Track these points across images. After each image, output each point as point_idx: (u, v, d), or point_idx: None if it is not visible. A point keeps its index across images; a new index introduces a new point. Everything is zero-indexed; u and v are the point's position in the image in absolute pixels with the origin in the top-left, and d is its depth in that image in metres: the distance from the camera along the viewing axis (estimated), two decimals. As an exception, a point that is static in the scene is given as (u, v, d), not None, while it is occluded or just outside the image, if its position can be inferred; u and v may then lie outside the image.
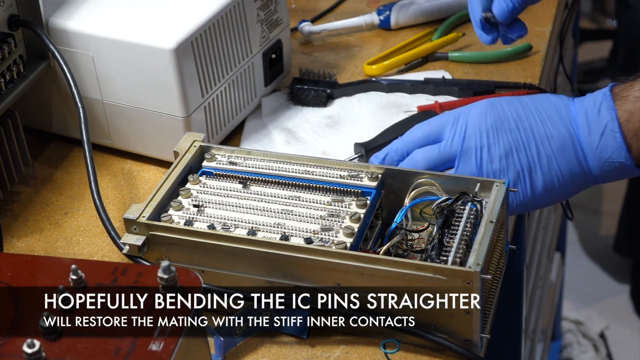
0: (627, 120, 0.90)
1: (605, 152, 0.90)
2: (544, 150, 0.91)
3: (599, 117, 0.91)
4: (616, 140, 0.90)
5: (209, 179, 0.93)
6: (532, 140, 0.91)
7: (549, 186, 0.92)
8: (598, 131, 0.91)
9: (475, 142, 0.92)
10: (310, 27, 1.28)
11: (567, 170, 0.91)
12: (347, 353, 0.84)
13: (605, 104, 0.91)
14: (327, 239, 0.84)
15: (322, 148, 1.09)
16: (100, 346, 0.66)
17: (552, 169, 0.91)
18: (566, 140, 0.91)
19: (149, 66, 1.00)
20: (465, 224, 0.84)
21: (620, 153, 0.90)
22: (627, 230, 2.35)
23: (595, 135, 0.91)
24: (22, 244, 0.99)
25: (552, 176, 0.91)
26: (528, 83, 1.15)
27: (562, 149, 0.91)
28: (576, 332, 2.30)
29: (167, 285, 0.70)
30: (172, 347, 0.66)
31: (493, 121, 0.92)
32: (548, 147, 0.91)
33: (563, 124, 0.92)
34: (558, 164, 0.91)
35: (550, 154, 0.91)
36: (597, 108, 0.91)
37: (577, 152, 0.91)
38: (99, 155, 1.09)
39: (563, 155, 0.91)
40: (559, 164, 0.91)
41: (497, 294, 0.89)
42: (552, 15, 1.29)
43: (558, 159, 0.91)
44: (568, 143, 0.91)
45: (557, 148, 0.91)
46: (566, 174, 0.92)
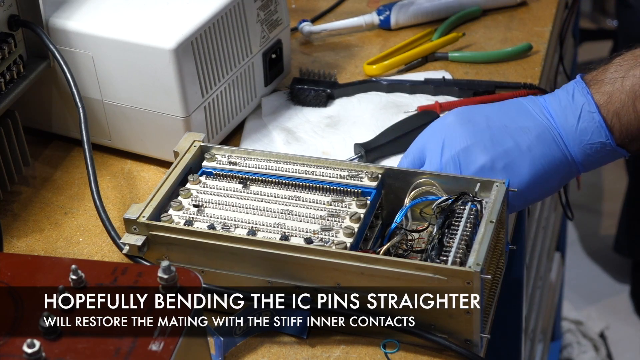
0: (606, 102, 0.90)
1: (585, 134, 0.91)
2: (523, 142, 0.91)
3: (573, 102, 0.91)
4: (594, 120, 0.90)
5: (209, 179, 0.93)
6: (508, 135, 0.91)
7: (535, 177, 0.91)
8: (574, 115, 0.91)
9: (452, 152, 0.92)
10: (310, 27, 1.28)
11: (550, 158, 0.91)
12: (347, 353, 0.84)
13: (578, 90, 0.92)
14: (327, 239, 0.84)
15: (322, 148, 1.09)
16: (100, 346, 0.66)
17: (534, 158, 0.91)
18: (543, 129, 0.92)
19: (149, 66, 1.00)
20: (465, 224, 0.84)
21: (601, 132, 0.90)
22: (627, 230, 2.35)
23: (572, 120, 0.91)
24: (22, 244, 0.99)
25: (536, 166, 0.91)
26: (528, 83, 1.15)
27: (540, 138, 0.91)
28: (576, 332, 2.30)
29: (167, 285, 0.70)
30: (172, 347, 0.66)
31: (464, 128, 0.92)
32: (526, 138, 0.91)
33: (534, 116, 0.92)
34: (540, 153, 0.91)
35: (530, 144, 0.91)
36: (571, 94, 0.92)
37: (556, 140, 0.91)
38: (99, 155, 1.09)
39: (543, 143, 0.91)
40: (541, 152, 0.91)
41: (497, 294, 0.89)
42: (552, 15, 1.29)
43: (538, 148, 0.91)
44: (546, 132, 0.92)
45: (535, 138, 0.91)
46: (550, 163, 0.91)
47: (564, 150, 0.92)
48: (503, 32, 1.26)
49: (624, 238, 2.36)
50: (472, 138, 0.92)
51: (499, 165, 0.91)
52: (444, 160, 0.92)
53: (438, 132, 0.94)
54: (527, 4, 1.32)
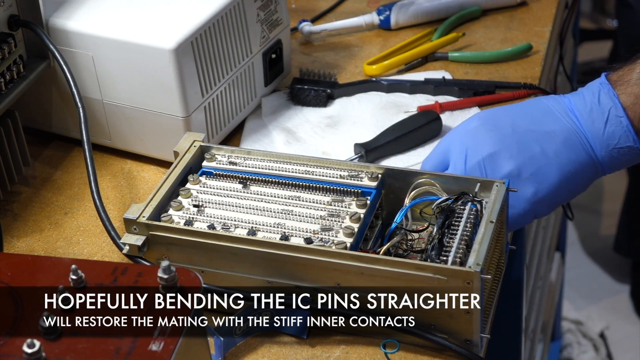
0: (633, 104, 0.89)
1: (612, 138, 0.90)
2: (550, 147, 0.91)
3: (599, 105, 0.90)
4: (622, 124, 0.90)
5: (209, 179, 0.93)
6: (534, 140, 0.91)
7: (562, 181, 0.91)
8: (601, 119, 0.90)
9: (478, 158, 0.91)
10: (310, 27, 1.28)
11: (577, 163, 0.91)
12: (347, 353, 0.84)
13: (604, 92, 0.91)
14: (327, 239, 0.84)
15: (322, 148, 1.09)
16: (100, 346, 0.66)
17: (562, 165, 0.90)
18: (569, 133, 0.91)
19: (149, 66, 1.00)
20: (465, 224, 0.84)
21: (628, 137, 0.90)
22: (627, 230, 2.35)
23: (599, 124, 0.90)
24: (22, 244, 0.99)
25: (563, 172, 0.91)
26: (528, 83, 1.15)
27: (567, 143, 0.91)
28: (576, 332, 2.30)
29: (167, 285, 0.70)
30: (172, 347, 0.66)
31: (489, 134, 0.91)
32: (552, 144, 0.91)
33: (562, 119, 0.91)
34: (567, 159, 0.90)
35: (557, 149, 0.91)
36: (596, 97, 0.91)
37: (583, 144, 0.91)
38: (99, 155, 1.09)
39: (570, 149, 0.91)
40: (568, 158, 0.90)
41: (497, 294, 0.89)
42: (552, 15, 1.29)
43: (565, 154, 0.90)
44: (572, 136, 0.91)
45: (562, 143, 0.91)
46: (577, 167, 0.91)
47: (590, 153, 0.91)
48: (503, 32, 1.26)
49: (624, 238, 2.36)
50: (497, 144, 0.91)
51: (525, 172, 0.90)
52: (469, 166, 0.91)
53: (462, 137, 0.93)
54: (527, 4, 1.32)
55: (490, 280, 0.87)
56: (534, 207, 0.92)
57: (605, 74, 0.93)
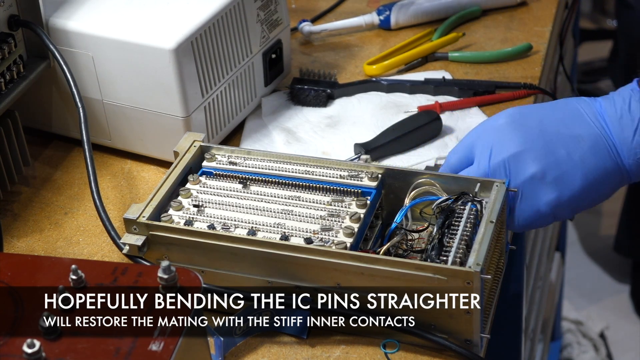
0: None
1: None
2: (576, 152, 0.89)
3: (630, 113, 0.89)
4: None
5: (209, 179, 0.93)
6: (560, 143, 0.89)
7: (586, 187, 0.89)
8: (631, 127, 0.89)
9: (502, 156, 0.90)
10: (310, 27, 1.28)
11: (602, 170, 0.89)
12: (347, 353, 0.84)
13: (635, 100, 0.89)
14: (327, 239, 0.84)
15: (322, 148, 1.09)
16: (100, 346, 0.66)
17: (587, 171, 0.89)
18: (597, 138, 0.89)
19: (149, 66, 1.00)
20: (465, 224, 0.84)
21: None
22: (627, 230, 2.35)
23: (628, 132, 0.89)
24: (22, 244, 0.99)
25: (588, 178, 0.89)
26: (528, 83, 1.15)
27: (594, 149, 0.89)
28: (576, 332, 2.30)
29: (167, 285, 0.70)
30: (172, 347, 0.66)
31: (516, 133, 0.90)
32: (579, 148, 0.89)
33: (591, 124, 0.90)
34: (592, 165, 0.89)
35: (583, 155, 0.89)
36: (627, 104, 0.89)
37: (610, 151, 0.89)
38: (99, 155, 1.09)
39: (596, 155, 0.89)
40: (594, 165, 0.89)
41: (497, 294, 0.89)
42: (552, 15, 1.29)
43: (591, 160, 0.89)
44: (599, 142, 0.89)
45: (589, 149, 0.89)
46: (602, 174, 0.89)
47: (617, 161, 0.90)
48: (503, 32, 1.26)
49: (625, 238, 2.36)
50: (523, 144, 0.90)
51: (549, 176, 0.89)
52: (492, 164, 0.90)
53: (488, 134, 0.92)
54: (527, 4, 1.32)
55: (490, 280, 0.87)
56: (555, 211, 0.91)
57: (637, 80, 0.91)
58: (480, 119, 1.11)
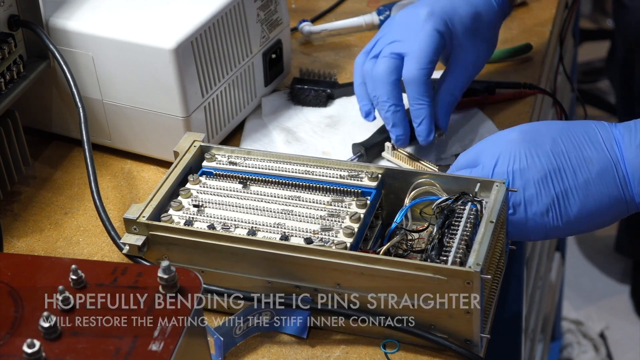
0: None
1: None
2: (582, 175, 0.88)
3: None
4: None
5: (209, 179, 0.93)
6: (569, 165, 0.88)
7: (583, 213, 0.88)
8: None
9: (508, 168, 0.89)
10: (310, 27, 1.28)
11: (606, 197, 0.88)
12: (347, 353, 0.84)
13: None
14: (327, 239, 0.84)
15: (322, 148, 1.09)
16: (100, 346, 0.66)
17: (589, 195, 0.88)
18: (607, 164, 0.88)
19: (149, 66, 1.00)
20: (465, 224, 0.84)
21: None
22: (627, 230, 2.35)
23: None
24: (22, 244, 0.99)
25: (588, 202, 0.88)
26: (528, 83, 1.15)
27: (601, 174, 0.88)
28: (576, 332, 2.30)
29: (167, 285, 0.70)
30: (172, 347, 0.66)
31: (526, 146, 0.89)
32: (586, 171, 0.88)
33: (603, 148, 0.88)
34: (596, 190, 0.88)
35: (588, 178, 0.88)
36: None
37: (619, 178, 0.88)
38: (99, 155, 1.09)
39: (602, 181, 0.88)
40: (597, 190, 0.88)
41: (497, 294, 0.89)
42: (552, 15, 1.29)
43: (596, 185, 0.88)
44: (608, 168, 0.88)
45: (596, 173, 0.88)
46: (605, 201, 0.88)
47: (624, 190, 0.88)
48: (503, 32, 1.26)
49: (625, 238, 2.36)
50: (531, 160, 0.89)
51: (551, 193, 0.88)
52: (497, 172, 0.90)
53: (496, 145, 0.91)
54: (527, 4, 1.32)
55: (490, 280, 0.87)
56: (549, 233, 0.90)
57: None
58: (479, 118, 1.11)
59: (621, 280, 2.43)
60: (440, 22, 0.99)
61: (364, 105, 1.05)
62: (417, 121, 1.01)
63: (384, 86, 1.00)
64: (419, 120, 1.01)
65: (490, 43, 1.05)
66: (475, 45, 1.03)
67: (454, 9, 1.00)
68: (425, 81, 0.99)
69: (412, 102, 1.00)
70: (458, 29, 1.00)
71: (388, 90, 1.00)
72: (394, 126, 1.01)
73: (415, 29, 1.00)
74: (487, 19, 1.02)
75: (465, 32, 1.01)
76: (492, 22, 1.04)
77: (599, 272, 2.46)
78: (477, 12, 1.02)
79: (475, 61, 1.04)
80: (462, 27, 1.00)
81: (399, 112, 1.00)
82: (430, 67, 0.99)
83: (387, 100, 1.00)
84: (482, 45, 1.04)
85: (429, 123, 1.00)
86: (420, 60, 0.99)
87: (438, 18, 0.99)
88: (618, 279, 2.44)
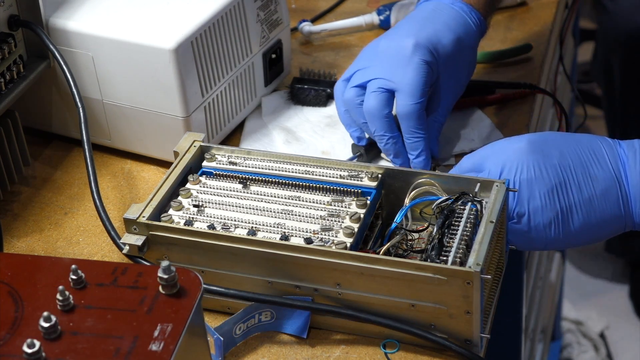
0: None
1: None
2: (587, 191, 0.88)
3: None
4: None
5: (209, 179, 0.93)
6: (574, 180, 0.88)
7: (584, 228, 0.89)
8: None
9: (515, 176, 0.89)
10: (310, 27, 1.28)
11: (607, 214, 0.88)
12: (347, 353, 0.84)
13: None
14: (327, 239, 0.84)
15: (322, 148, 1.09)
16: (100, 346, 0.66)
17: (592, 211, 0.88)
18: (611, 183, 0.88)
19: (149, 66, 1.00)
20: (465, 224, 0.84)
21: None
22: None
23: None
24: (22, 244, 0.99)
25: (590, 218, 0.88)
26: (528, 83, 1.15)
27: (605, 192, 0.88)
28: (576, 332, 2.30)
29: (167, 285, 0.70)
30: (172, 347, 0.66)
31: (534, 158, 0.89)
32: (591, 188, 0.88)
33: (608, 166, 0.89)
34: (598, 207, 0.88)
35: (592, 195, 0.88)
36: None
37: (622, 197, 0.88)
38: (99, 155, 1.09)
39: (605, 198, 0.88)
40: (599, 207, 0.88)
41: (497, 294, 0.89)
42: (552, 15, 1.29)
43: (600, 202, 0.88)
44: (612, 186, 0.88)
45: (600, 191, 0.88)
46: (606, 218, 0.88)
47: (625, 209, 0.88)
48: (503, 32, 1.26)
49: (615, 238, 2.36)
50: (538, 172, 0.89)
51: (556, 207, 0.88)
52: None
53: (505, 152, 0.91)
54: (527, 4, 1.32)
55: (490, 280, 0.87)
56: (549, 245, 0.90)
57: None
58: (479, 118, 1.11)
59: (621, 281, 2.43)
60: (426, 53, 0.99)
61: (354, 132, 1.05)
62: (414, 153, 1.01)
63: (379, 120, 1.00)
64: (416, 153, 1.01)
65: (471, 65, 1.05)
66: (458, 70, 1.03)
67: (438, 38, 1.00)
68: (420, 114, 0.99)
69: (408, 135, 1.00)
70: (442, 56, 1.00)
71: (383, 124, 1.00)
72: (395, 157, 1.02)
73: (403, 63, 0.99)
74: (467, 43, 1.02)
75: (448, 59, 1.01)
76: (472, 45, 1.04)
77: (599, 272, 2.46)
78: (459, 37, 1.01)
79: (458, 85, 1.04)
80: (446, 55, 1.00)
81: (398, 143, 1.01)
82: (423, 99, 0.99)
83: (385, 134, 1.00)
84: (463, 69, 1.04)
85: (427, 154, 1.01)
86: (413, 94, 0.99)
87: (424, 49, 0.99)
88: (618, 280, 2.44)
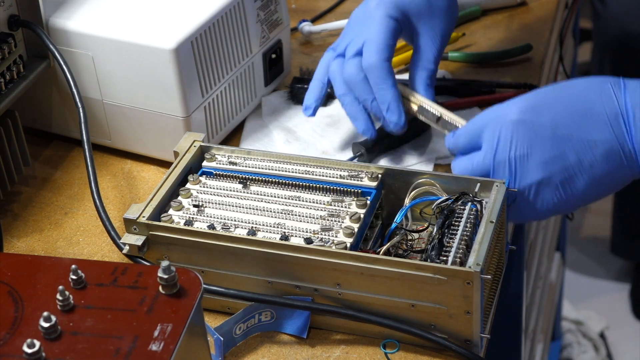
0: None
1: None
2: (586, 158, 0.86)
3: None
4: None
5: (209, 179, 0.93)
6: (572, 148, 0.86)
7: (591, 191, 0.87)
8: None
9: (509, 154, 0.88)
10: (310, 27, 1.28)
11: (612, 176, 0.86)
12: (347, 353, 0.84)
13: None
14: (327, 239, 0.84)
15: (322, 148, 1.09)
16: (100, 346, 0.66)
17: (594, 176, 0.87)
18: (612, 144, 0.86)
19: (149, 66, 1.00)
20: (465, 224, 0.84)
21: None
22: (621, 232, 2.35)
23: None
24: (22, 244, 0.99)
25: (594, 183, 0.87)
26: (528, 83, 1.15)
27: (606, 156, 0.86)
28: (576, 332, 2.30)
29: (167, 285, 0.70)
30: (172, 347, 0.66)
31: (527, 133, 0.87)
32: (590, 155, 0.86)
33: (608, 126, 0.86)
34: (601, 171, 0.86)
35: (593, 161, 0.86)
36: None
37: (625, 156, 0.86)
38: (99, 155, 1.09)
39: (608, 162, 0.86)
40: (602, 171, 0.86)
41: (497, 294, 0.89)
42: (552, 15, 1.29)
43: (601, 167, 0.86)
44: (614, 148, 0.86)
45: (601, 155, 0.86)
46: (610, 179, 0.87)
47: (630, 166, 0.86)
48: (503, 32, 1.26)
49: (620, 240, 2.36)
50: (532, 147, 0.87)
51: (555, 180, 0.87)
52: (497, 159, 0.88)
53: (497, 125, 0.89)
54: (527, 4, 1.32)
55: (490, 280, 0.87)
56: (554, 211, 0.90)
57: None
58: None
59: (621, 280, 2.43)
60: (390, 7, 1.00)
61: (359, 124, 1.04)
62: (384, 107, 0.99)
63: (360, 84, 1.00)
64: (385, 106, 0.99)
65: (450, 10, 1.04)
66: (434, 18, 1.03)
67: None
68: (383, 65, 0.98)
69: (375, 88, 0.99)
70: (412, 8, 1.01)
71: (365, 87, 1.00)
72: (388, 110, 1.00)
73: (367, 21, 1.01)
74: None
75: (420, 9, 1.01)
76: None
77: (599, 272, 2.46)
78: None
79: (440, 32, 1.03)
80: (416, 7, 1.01)
81: None
82: (387, 51, 0.99)
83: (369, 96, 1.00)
84: (440, 15, 1.03)
85: (396, 106, 0.99)
86: (376, 46, 0.99)
87: (388, 4, 1.00)
88: (618, 279, 2.44)
